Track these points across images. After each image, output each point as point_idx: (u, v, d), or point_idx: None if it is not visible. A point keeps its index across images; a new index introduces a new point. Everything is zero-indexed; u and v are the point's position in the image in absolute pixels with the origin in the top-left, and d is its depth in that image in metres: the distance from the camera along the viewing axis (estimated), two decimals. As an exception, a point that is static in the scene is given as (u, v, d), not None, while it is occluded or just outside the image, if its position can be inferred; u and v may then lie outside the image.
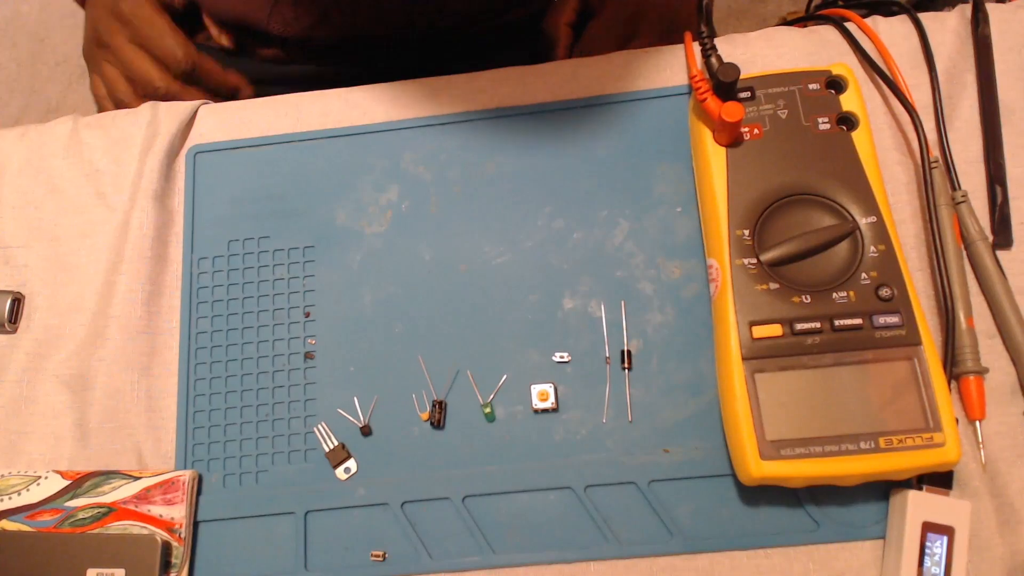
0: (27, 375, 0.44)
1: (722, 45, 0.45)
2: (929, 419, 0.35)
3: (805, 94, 0.40)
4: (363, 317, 0.44)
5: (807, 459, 0.35)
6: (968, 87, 0.44)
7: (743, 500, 0.39)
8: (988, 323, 0.40)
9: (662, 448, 0.40)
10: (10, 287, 0.46)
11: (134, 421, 0.43)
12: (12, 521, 0.40)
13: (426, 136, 0.47)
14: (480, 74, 0.48)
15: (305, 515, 0.41)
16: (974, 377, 0.38)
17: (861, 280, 0.37)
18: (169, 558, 0.39)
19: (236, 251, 0.46)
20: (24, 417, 0.44)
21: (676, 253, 0.43)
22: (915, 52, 0.45)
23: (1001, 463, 0.38)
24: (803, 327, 0.36)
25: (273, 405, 0.43)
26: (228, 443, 0.42)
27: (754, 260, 0.38)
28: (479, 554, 0.39)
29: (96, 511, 0.40)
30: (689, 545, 0.38)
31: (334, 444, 0.41)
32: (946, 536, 0.35)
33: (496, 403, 0.41)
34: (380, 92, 0.48)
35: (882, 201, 0.38)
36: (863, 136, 0.39)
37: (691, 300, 0.42)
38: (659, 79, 0.46)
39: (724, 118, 0.38)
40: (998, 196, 0.41)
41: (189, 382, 0.43)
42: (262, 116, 0.48)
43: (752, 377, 0.36)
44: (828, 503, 0.38)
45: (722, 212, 0.39)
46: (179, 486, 0.40)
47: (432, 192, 0.46)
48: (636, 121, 0.45)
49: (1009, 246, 0.41)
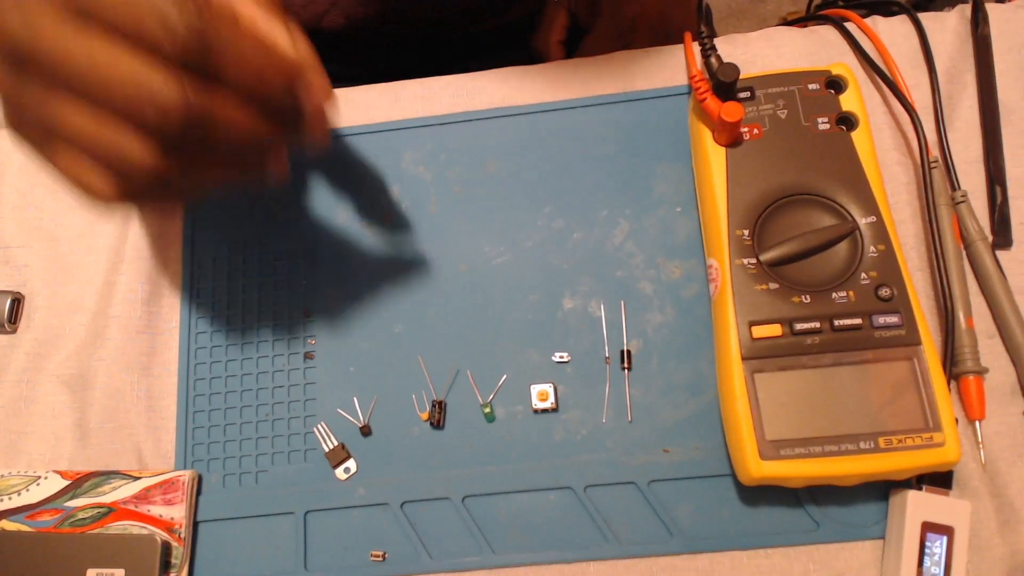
0: (27, 375, 0.44)
1: (722, 45, 0.45)
2: (929, 419, 0.35)
3: (805, 94, 0.40)
4: (363, 317, 0.44)
5: (807, 459, 0.35)
6: (968, 87, 0.44)
7: (743, 500, 0.39)
8: (988, 323, 0.40)
9: (662, 448, 0.40)
10: (10, 287, 0.46)
11: (134, 421, 0.43)
12: (12, 521, 0.40)
13: (426, 136, 0.47)
14: (480, 74, 0.48)
15: (305, 515, 0.41)
16: (974, 377, 0.38)
17: (861, 280, 0.37)
18: (169, 558, 0.39)
19: (236, 251, 0.46)
20: (24, 417, 0.44)
21: (676, 253, 0.43)
22: (915, 52, 0.45)
23: (1001, 463, 0.38)
24: (803, 327, 0.36)
25: (273, 405, 0.43)
26: (228, 443, 0.42)
27: (754, 260, 0.38)
28: (479, 554, 0.39)
29: (96, 511, 0.40)
30: (689, 545, 0.38)
31: (334, 444, 0.41)
32: (946, 536, 0.35)
33: (496, 403, 0.41)
34: (380, 92, 0.48)
35: (882, 201, 0.38)
36: (863, 136, 0.39)
37: (691, 300, 0.42)
38: (659, 79, 0.46)
39: (724, 118, 0.38)
40: (998, 196, 0.41)
41: (189, 382, 0.43)
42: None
43: (752, 377, 0.36)
44: (828, 503, 0.38)
45: (722, 212, 0.39)
46: (179, 486, 0.40)
47: (432, 192, 0.46)
48: (636, 121, 0.45)
49: (1009, 246, 0.41)
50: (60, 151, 0.28)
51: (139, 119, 0.26)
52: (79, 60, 0.25)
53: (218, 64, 0.27)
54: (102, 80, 0.25)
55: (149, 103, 0.26)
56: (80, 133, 0.27)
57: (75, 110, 0.26)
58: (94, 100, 0.26)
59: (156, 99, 0.26)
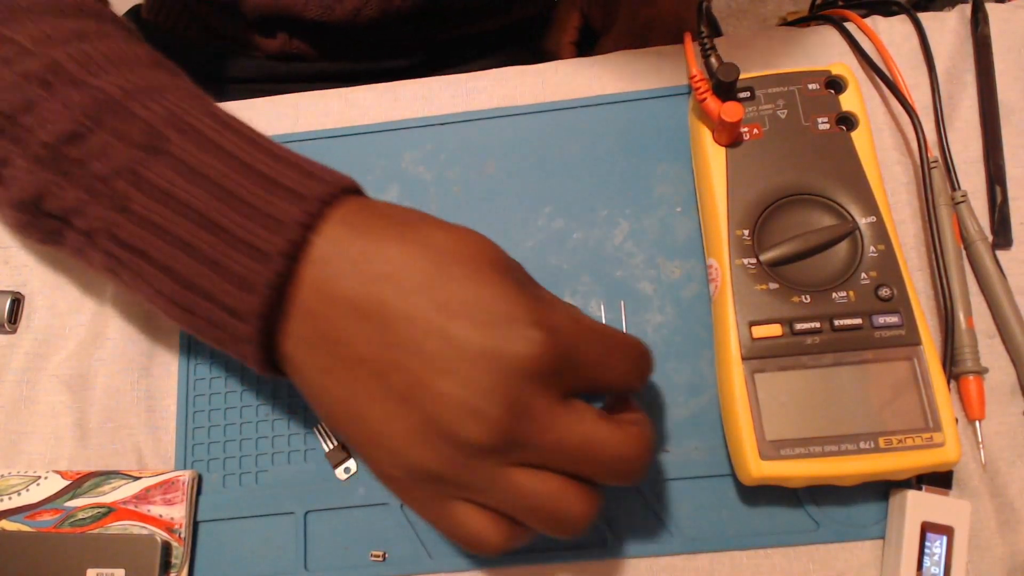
0: (27, 375, 0.44)
1: (722, 45, 0.45)
2: (929, 419, 0.35)
3: (805, 94, 0.40)
4: (363, 317, 0.44)
5: (807, 459, 0.35)
6: (968, 87, 0.44)
7: (743, 500, 0.39)
8: (988, 323, 0.40)
9: (662, 448, 0.40)
10: (10, 287, 0.46)
11: (134, 421, 0.43)
12: (12, 521, 0.40)
13: (426, 136, 0.47)
14: (480, 74, 0.48)
15: (305, 515, 0.41)
16: (974, 377, 0.38)
17: (861, 280, 0.37)
18: (169, 558, 0.39)
19: (236, 251, 0.45)
20: (24, 417, 0.44)
21: (676, 253, 0.43)
22: (915, 52, 0.45)
23: (1001, 463, 0.38)
24: (803, 327, 0.36)
25: (273, 405, 0.43)
26: (228, 443, 0.42)
27: (754, 260, 0.38)
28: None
29: (96, 511, 0.40)
30: (689, 545, 0.38)
31: (334, 444, 0.41)
32: (945, 536, 0.35)
33: (496, 403, 0.41)
34: (380, 92, 0.48)
35: (882, 201, 0.38)
36: (863, 136, 0.39)
37: (691, 300, 0.42)
38: (659, 79, 0.46)
39: (724, 118, 0.38)
40: (998, 196, 0.41)
41: (189, 382, 0.43)
42: (261, 116, 0.48)
43: (752, 377, 0.36)
44: (828, 503, 0.38)
45: (722, 212, 0.39)
46: (179, 486, 0.40)
47: (432, 192, 0.46)
48: (636, 121, 0.45)
49: (1009, 246, 0.41)
50: (460, 507, 0.30)
51: (603, 478, 0.30)
52: (572, 438, 0.28)
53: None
54: (588, 452, 0.29)
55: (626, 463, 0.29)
56: (533, 495, 0.29)
57: (533, 477, 0.29)
58: (571, 467, 0.29)
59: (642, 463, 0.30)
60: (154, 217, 0.31)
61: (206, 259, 0.30)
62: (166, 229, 0.30)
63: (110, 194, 0.31)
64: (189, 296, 0.31)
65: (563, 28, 0.59)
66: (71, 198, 0.32)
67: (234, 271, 0.30)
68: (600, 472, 0.29)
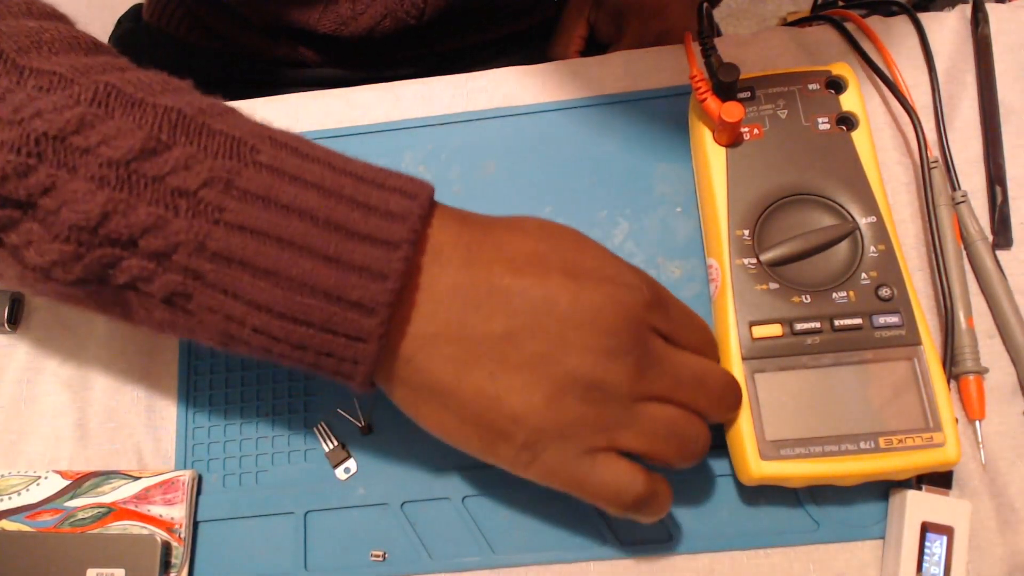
0: (27, 375, 0.44)
1: (722, 45, 0.45)
2: (929, 419, 0.35)
3: (805, 94, 0.40)
4: (363, 317, 0.44)
5: (807, 459, 0.35)
6: (968, 87, 0.44)
7: (743, 500, 0.39)
8: (988, 323, 0.40)
9: (662, 448, 0.40)
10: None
11: (134, 421, 0.43)
12: (12, 521, 0.40)
13: (426, 136, 0.47)
14: (480, 74, 0.48)
15: (305, 515, 0.41)
16: (974, 377, 0.38)
17: (861, 280, 0.37)
18: (169, 558, 0.39)
19: (236, 251, 0.45)
20: (24, 417, 0.44)
21: (676, 253, 0.43)
22: (915, 52, 0.45)
23: (1001, 463, 0.38)
24: (803, 327, 0.36)
25: (273, 405, 0.43)
26: (228, 443, 0.42)
27: (754, 260, 0.38)
28: (479, 554, 0.39)
29: (96, 511, 0.40)
30: (689, 545, 0.38)
31: (334, 444, 0.41)
32: (945, 536, 0.35)
33: (496, 403, 0.41)
34: (380, 92, 0.48)
35: (882, 201, 0.38)
36: (863, 136, 0.39)
37: (691, 300, 0.42)
38: (659, 79, 0.46)
39: (724, 118, 0.38)
40: (998, 196, 0.41)
41: (189, 382, 0.43)
42: (262, 116, 0.48)
43: (752, 377, 0.36)
44: (828, 503, 0.38)
45: (722, 212, 0.39)
46: (179, 486, 0.40)
47: (432, 192, 0.45)
48: (636, 121, 0.45)
49: (1009, 246, 0.41)
50: (602, 458, 0.32)
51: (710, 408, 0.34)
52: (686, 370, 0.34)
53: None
54: (703, 380, 0.34)
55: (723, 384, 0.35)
56: (670, 421, 0.33)
57: (663, 408, 0.33)
58: (689, 398, 0.34)
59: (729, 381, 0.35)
60: (255, 223, 0.29)
61: (323, 256, 0.29)
62: (271, 233, 0.29)
63: (196, 206, 0.29)
64: (297, 301, 0.29)
65: (569, 37, 0.59)
66: (144, 214, 0.29)
67: (358, 263, 0.29)
68: (712, 401, 0.34)
